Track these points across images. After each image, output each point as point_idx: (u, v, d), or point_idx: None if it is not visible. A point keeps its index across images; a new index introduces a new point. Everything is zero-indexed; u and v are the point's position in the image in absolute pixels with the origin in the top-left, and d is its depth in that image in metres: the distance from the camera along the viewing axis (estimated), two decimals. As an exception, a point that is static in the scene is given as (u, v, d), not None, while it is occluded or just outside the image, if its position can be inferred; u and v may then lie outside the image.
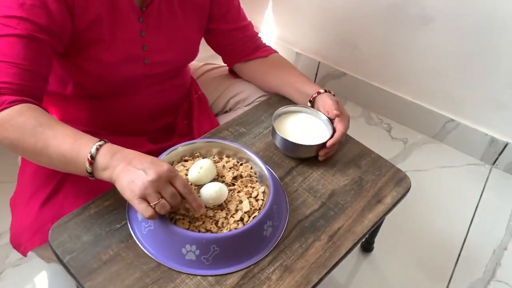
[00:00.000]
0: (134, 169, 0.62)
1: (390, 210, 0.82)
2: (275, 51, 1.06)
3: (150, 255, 0.67)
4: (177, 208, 0.64)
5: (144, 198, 0.61)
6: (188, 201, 0.64)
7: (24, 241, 0.76)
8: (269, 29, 1.91)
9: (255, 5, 1.88)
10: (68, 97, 0.89)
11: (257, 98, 1.05)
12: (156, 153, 0.74)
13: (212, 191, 0.69)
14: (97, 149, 0.64)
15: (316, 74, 1.83)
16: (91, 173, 0.65)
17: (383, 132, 1.62)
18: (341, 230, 0.75)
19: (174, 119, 1.06)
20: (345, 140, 0.93)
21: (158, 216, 0.62)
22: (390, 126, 1.65)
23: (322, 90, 0.91)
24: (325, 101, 0.88)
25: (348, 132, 0.89)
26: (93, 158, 0.64)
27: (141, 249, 0.68)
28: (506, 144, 1.45)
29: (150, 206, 0.61)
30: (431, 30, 1.42)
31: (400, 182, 0.86)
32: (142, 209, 0.61)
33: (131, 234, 0.70)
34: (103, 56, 0.82)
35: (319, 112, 0.89)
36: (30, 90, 0.71)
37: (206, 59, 1.17)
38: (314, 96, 0.91)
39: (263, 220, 0.68)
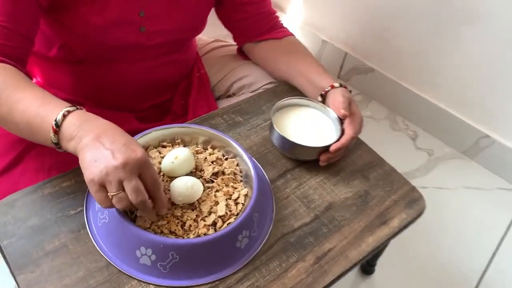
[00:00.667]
0: (101, 146, 0.54)
1: (395, 235, 0.72)
2: (291, 34, 0.96)
3: (101, 252, 0.59)
4: (139, 205, 0.55)
5: (103, 185, 0.53)
6: (152, 198, 0.56)
7: None
8: (296, 10, 1.81)
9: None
10: (53, 59, 0.82)
11: (264, 85, 0.96)
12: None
13: (183, 187, 0.60)
14: (64, 116, 0.56)
15: (341, 67, 1.71)
16: (57, 144, 0.58)
17: (407, 139, 1.49)
18: (332, 252, 0.65)
19: (170, 98, 0.97)
20: (356, 146, 0.83)
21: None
22: (416, 134, 1.52)
23: (336, 84, 0.80)
24: (336, 97, 0.77)
25: (369, 135, 0.78)
26: (58, 126, 0.56)
27: (92, 243, 0.60)
28: (547, 171, 1.31)
29: (108, 196, 0.53)
30: (478, 31, 1.28)
31: (412, 204, 0.75)
32: (98, 198, 0.53)
33: (85, 224, 0.62)
34: (93, 16, 0.73)
35: (329, 109, 0.78)
36: (9, 51, 0.65)
37: (218, 37, 1.08)
38: (326, 90, 0.80)
39: (238, 228, 0.59)
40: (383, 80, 1.59)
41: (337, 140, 0.74)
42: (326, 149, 0.73)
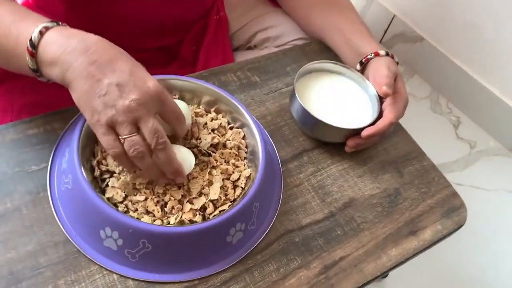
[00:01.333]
0: (101, 76, 0.43)
1: (424, 250, 0.60)
2: None
3: (60, 224, 0.49)
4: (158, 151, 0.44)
5: (112, 127, 0.43)
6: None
7: None
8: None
9: None
10: None
11: (292, 40, 0.83)
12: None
13: None
14: (42, 33, 0.45)
15: (386, 31, 1.54)
16: (36, 70, 0.47)
17: (448, 125, 1.35)
18: (343, 262, 0.55)
19: (180, 41, 0.84)
20: (392, 131, 0.70)
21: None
22: (459, 120, 1.37)
23: (382, 52, 0.67)
24: (379, 70, 0.64)
25: (404, 116, 0.65)
26: (34, 47, 0.45)
27: (51, 210, 0.50)
28: None
29: (119, 140, 0.43)
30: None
31: (452, 213, 0.63)
32: (105, 142, 0.44)
33: (46, 186, 0.52)
34: None
35: (368, 82, 0.65)
36: None
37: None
38: (369, 57, 0.67)
39: (232, 220, 0.49)
40: (432, 53, 1.43)
41: (372, 123, 0.61)
42: (356, 132, 0.61)
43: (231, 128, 0.59)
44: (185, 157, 0.49)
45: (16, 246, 0.47)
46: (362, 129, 0.60)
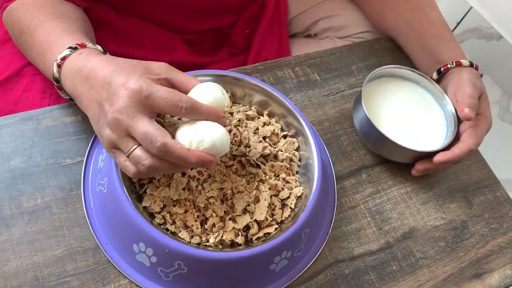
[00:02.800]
0: (97, 97, 0.42)
1: (490, 298, 0.54)
2: None
3: (91, 228, 0.47)
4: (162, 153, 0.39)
5: (117, 147, 0.41)
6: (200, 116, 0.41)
7: None
8: None
9: None
10: None
11: (359, 33, 0.78)
12: (190, 68, 0.53)
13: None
14: (59, 66, 0.47)
15: (458, 23, 1.43)
16: (60, 89, 0.50)
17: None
18: (397, 304, 0.50)
19: (232, 24, 0.80)
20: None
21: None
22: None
23: (466, 62, 0.59)
24: (461, 85, 0.57)
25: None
26: (57, 81, 0.48)
27: (83, 211, 0.48)
28: None
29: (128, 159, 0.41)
30: None
31: (526, 258, 0.57)
32: (120, 166, 0.42)
33: (80, 183, 0.49)
34: None
35: (447, 98, 0.58)
36: None
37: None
38: (448, 66, 0.60)
39: (277, 249, 0.45)
40: (508, 53, 1.31)
41: (446, 147, 0.54)
42: (426, 155, 0.55)
43: (284, 137, 0.54)
44: (210, 126, 0.41)
45: (43, 249, 0.45)
46: (435, 152, 0.54)
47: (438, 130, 0.58)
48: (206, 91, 0.42)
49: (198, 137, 0.39)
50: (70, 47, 0.46)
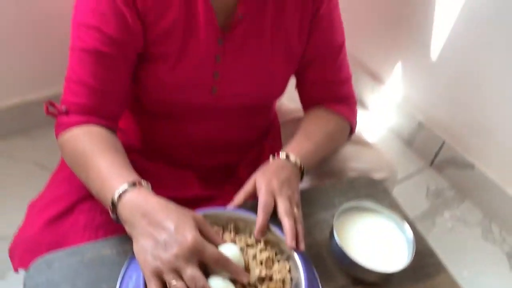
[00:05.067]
0: (154, 234, 0.56)
1: None
2: (343, 113, 0.88)
3: None
4: None
5: (159, 275, 0.53)
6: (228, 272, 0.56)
7: (17, 254, 0.72)
8: (395, 83, 1.76)
9: (386, 54, 1.73)
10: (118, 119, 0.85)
11: (344, 169, 0.89)
12: (201, 202, 0.72)
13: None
14: (120, 196, 0.60)
15: (436, 155, 1.60)
16: (116, 220, 0.62)
17: (502, 257, 1.31)
18: None
19: (237, 161, 0.95)
20: (436, 270, 0.72)
21: None
22: (514, 251, 1.33)
23: (283, 154, 0.74)
24: (259, 176, 0.70)
25: (455, 242, 0.68)
26: (114, 205, 0.60)
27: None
28: None
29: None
30: None
31: None
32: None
33: (114, 304, 0.59)
34: (165, 74, 0.75)
35: (406, 224, 0.70)
36: (99, 110, 0.72)
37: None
38: (271, 158, 0.75)
39: None
40: (482, 180, 1.45)
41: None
42: (389, 276, 0.64)
43: (278, 261, 0.64)
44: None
45: None
46: (399, 272, 0.63)
47: (400, 252, 0.67)
48: (231, 251, 0.59)
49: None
50: (128, 183, 0.60)
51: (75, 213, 0.73)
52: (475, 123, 1.46)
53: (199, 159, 0.91)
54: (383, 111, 1.83)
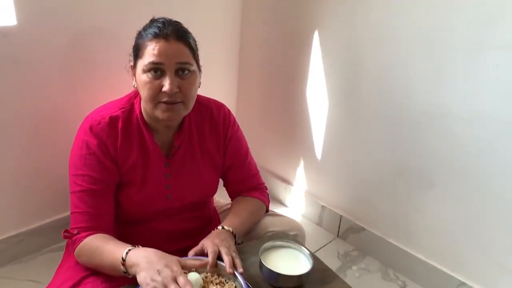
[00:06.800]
0: (153, 267, 0.83)
1: None
2: (257, 197, 1.22)
3: None
4: None
5: None
6: None
7: None
8: (300, 182, 2.16)
9: (289, 164, 2.16)
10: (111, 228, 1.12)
11: (266, 232, 1.20)
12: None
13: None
14: (126, 253, 0.88)
15: (339, 227, 1.97)
16: (126, 272, 0.88)
17: (397, 288, 1.65)
18: None
19: (193, 244, 1.24)
20: (332, 278, 1.02)
21: None
22: (405, 284, 1.68)
23: (220, 227, 1.03)
24: (207, 241, 0.98)
25: (362, 285, 0.98)
26: (124, 260, 0.87)
27: None
28: (521, 315, 1.42)
29: None
30: (436, 194, 1.57)
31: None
32: None
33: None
34: (134, 194, 1.07)
35: (303, 248, 1.04)
36: (97, 226, 0.99)
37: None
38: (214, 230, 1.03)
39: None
40: (373, 238, 1.81)
41: (307, 272, 0.96)
42: (301, 277, 0.96)
43: (227, 282, 0.95)
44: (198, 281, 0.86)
45: None
46: (304, 274, 0.96)
47: (306, 266, 0.98)
48: (194, 276, 0.88)
49: None
50: (130, 246, 0.88)
51: (83, 284, 0.97)
52: (359, 197, 1.86)
53: (165, 246, 1.18)
54: (295, 203, 2.19)
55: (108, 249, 0.93)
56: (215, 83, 2.09)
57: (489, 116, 1.36)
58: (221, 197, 1.37)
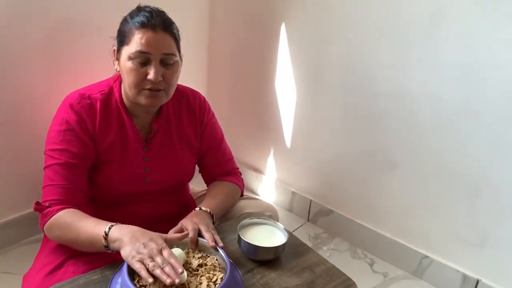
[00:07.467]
0: (138, 240, 0.84)
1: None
2: (232, 181, 1.26)
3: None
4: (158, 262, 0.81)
5: (140, 261, 0.80)
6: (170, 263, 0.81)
7: None
8: (271, 171, 2.20)
9: (260, 153, 2.20)
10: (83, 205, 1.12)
11: (242, 214, 1.23)
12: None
13: None
14: (109, 228, 0.88)
15: (309, 211, 2.02)
16: (107, 247, 0.87)
17: (366, 265, 1.71)
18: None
19: (170, 228, 1.25)
20: (306, 251, 1.08)
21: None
22: (373, 261, 1.75)
23: (197, 208, 1.06)
24: (187, 220, 1.01)
25: (332, 262, 1.03)
26: (106, 234, 0.87)
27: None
28: (477, 282, 1.51)
29: (144, 265, 0.80)
30: (399, 174, 1.65)
31: (348, 287, 0.98)
32: (137, 268, 0.80)
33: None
34: (112, 173, 1.07)
35: (278, 223, 1.07)
36: (71, 201, 0.99)
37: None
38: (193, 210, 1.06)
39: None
40: (342, 219, 1.88)
41: (283, 244, 1.00)
42: (276, 248, 0.99)
43: (208, 256, 0.96)
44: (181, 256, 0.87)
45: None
46: (280, 245, 0.99)
47: (280, 240, 1.03)
48: (177, 251, 0.89)
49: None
50: (109, 226, 0.88)
51: (65, 266, 0.97)
52: (327, 182, 1.92)
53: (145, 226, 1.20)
54: (267, 191, 2.25)
55: (85, 224, 0.92)
56: (185, 75, 2.08)
57: (446, 97, 1.44)
58: (195, 185, 1.39)
